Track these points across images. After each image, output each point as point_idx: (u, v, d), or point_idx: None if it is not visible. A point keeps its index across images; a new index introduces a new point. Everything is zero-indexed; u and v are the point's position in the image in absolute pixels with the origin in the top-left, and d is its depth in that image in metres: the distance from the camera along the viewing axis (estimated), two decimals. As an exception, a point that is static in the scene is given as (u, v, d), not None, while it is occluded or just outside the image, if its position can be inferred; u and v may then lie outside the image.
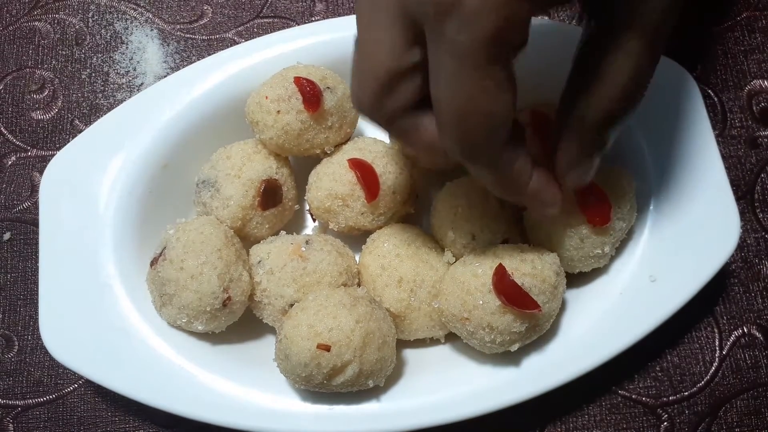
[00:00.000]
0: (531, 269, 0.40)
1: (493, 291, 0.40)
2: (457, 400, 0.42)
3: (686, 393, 0.47)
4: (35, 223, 0.52)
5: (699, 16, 0.55)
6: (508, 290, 0.39)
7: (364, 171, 0.46)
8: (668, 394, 0.47)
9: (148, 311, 0.45)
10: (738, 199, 0.51)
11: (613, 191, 0.42)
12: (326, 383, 0.40)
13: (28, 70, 0.56)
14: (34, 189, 0.53)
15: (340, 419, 0.42)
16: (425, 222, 0.48)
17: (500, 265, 0.40)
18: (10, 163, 0.54)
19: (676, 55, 0.54)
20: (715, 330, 0.48)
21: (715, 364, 0.48)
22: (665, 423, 0.47)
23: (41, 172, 0.48)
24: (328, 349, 0.39)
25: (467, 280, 0.41)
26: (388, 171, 0.46)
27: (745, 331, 0.48)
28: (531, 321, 0.40)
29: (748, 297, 0.49)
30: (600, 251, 0.43)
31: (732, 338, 0.48)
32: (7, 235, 0.52)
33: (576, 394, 0.47)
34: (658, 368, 0.48)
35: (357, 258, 0.47)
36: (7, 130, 0.55)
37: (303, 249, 0.44)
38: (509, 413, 0.43)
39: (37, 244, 0.50)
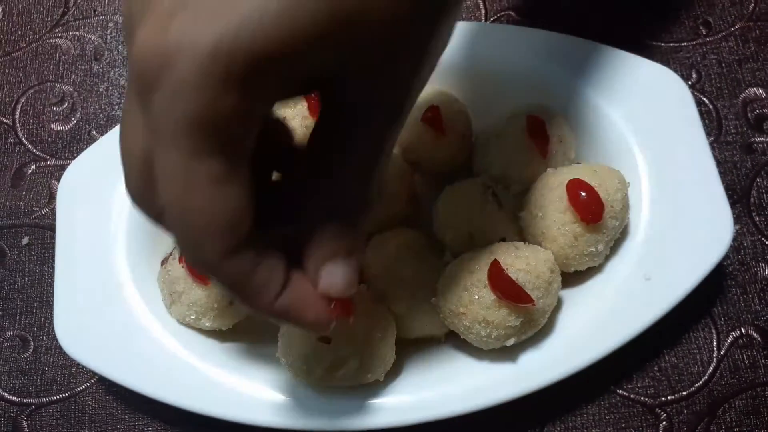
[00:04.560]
0: (525, 265, 0.41)
1: (489, 286, 0.41)
2: (456, 396, 0.43)
3: (684, 393, 0.48)
4: (52, 229, 0.54)
5: (695, 28, 0.57)
6: (503, 285, 0.40)
7: (366, 175, 0.47)
8: (666, 394, 0.48)
9: (159, 310, 0.47)
10: (734, 203, 0.52)
11: (605, 190, 0.44)
12: (326, 376, 0.41)
13: (49, 84, 0.59)
14: (52, 196, 0.55)
15: (341, 413, 0.43)
16: (426, 224, 0.50)
17: (495, 260, 0.41)
18: (30, 171, 0.56)
19: (672, 64, 0.56)
20: (713, 331, 0.49)
21: (713, 364, 0.48)
22: (664, 422, 0.47)
23: (59, 181, 0.51)
24: (328, 342, 0.40)
25: (463, 277, 0.42)
26: (388, 175, 0.48)
27: (743, 332, 0.49)
28: (526, 315, 0.41)
29: (746, 299, 0.50)
30: (594, 249, 0.44)
31: (730, 339, 0.49)
32: (25, 240, 0.54)
33: (575, 394, 0.47)
34: (656, 368, 0.48)
35: (359, 259, 0.48)
36: (28, 140, 0.57)
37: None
38: (508, 412, 0.44)
39: (53, 248, 0.52)
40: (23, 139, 0.57)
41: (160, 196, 0.26)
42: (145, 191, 0.27)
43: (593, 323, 0.44)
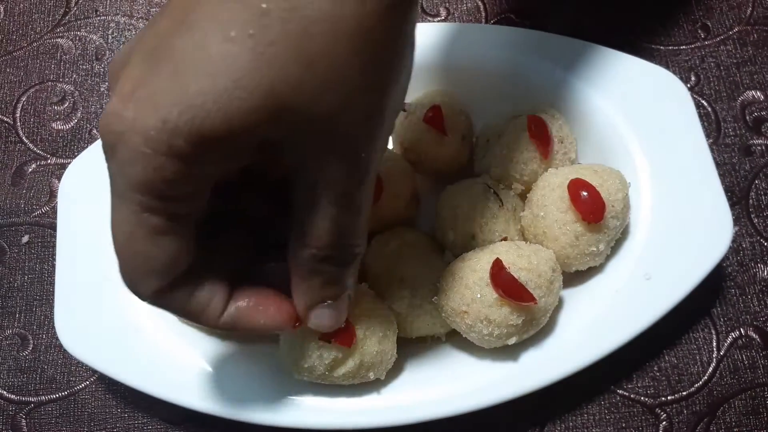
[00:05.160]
0: (527, 264, 0.42)
1: (491, 284, 0.41)
2: (458, 395, 0.43)
3: (684, 393, 0.48)
4: (53, 227, 0.54)
5: (693, 31, 0.58)
6: (505, 283, 0.41)
7: (367, 175, 0.47)
8: (666, 394, 0.48)
9: (159, 308, 0.47)
10: (733, 204, 0.52)
11: (606, 190, 0.44)
12: (328, 374, 0.41)
13: (50, 83, 0.59)
14: (52, 194, 0.55)
15: (342, 412, 0.43)
16: (427, 224, 0.50)
17: (497, 259, 0.41)
18: (30, 170, 0.56)
19: (671, 67, 0.56)
20: (713, 331, 0.49)
21: (713, 364, 0.48)
22: (664, 422, 0.47)
23: (60, 179, 0.51)
24: (329, 340, 0.41)
25: (466, 275, 0.42)
26: (390, 175, 0.48)
27: (742, 332, 0.49)
28: (527, 314, 0.41)
29: (745, 300, 0.50)
30: (595, 249, 0.44)
31: (729, 339, 0.49)
32: (25, 238, 0.54)
33: (575, 393, 0.48)
34: (656, 368, 0.48)
35: (360, 258, 0.48)
36: (29, 139, 0.57)
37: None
38: (509, 411, 0.44)
39: (54, 247, 0.52)
40: (24, 138, 0.57)
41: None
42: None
43: (594, 323, 0.44)
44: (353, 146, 0.30)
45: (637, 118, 0.49)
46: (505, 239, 0.45)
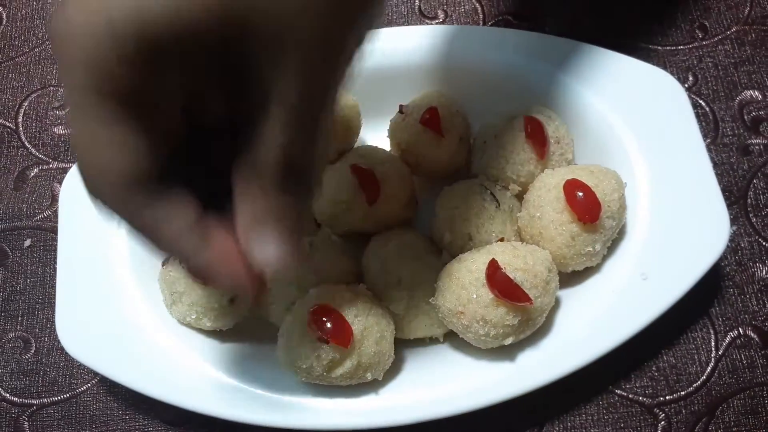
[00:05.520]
0: (523, 264, 0.42)
1: (487, 285, 0.41)
2: (455, 395, 0.43)
3: (683, 393, 0.48)
4: (54, 231, 0.54)
5: (691, 31, 0.58)
6: (500, 284, 0.41)
7: (364, 177, 0.48)
8: (665, 394, 0.48)
9: (160, 310, 0.47)
10: (731, 204, 0.52)
11: (601, 190, 0.44)
12: (326, 375, 0.42)
13: (51, 88, 0.60)
14: (54, 199, 0.56)
15: (340, 412, 0.44)
16: (424, 225, 0.50)
17: (493, 259, 0.41)
18: (32, 174, 0.57)
19: (669, 67, 0.57)
20: (711, 331, 0.49)
21: (711, 364, 0.48)
22: (662, 422, 0.47)
23: (61, 183, 0.51)
24: (327, 341, 0.41)
25: (462, 276, 0.42)
26: (388, 176, 0.48)
27: (741, 332, 0.49)
28: (523, 314, 0.42)
29: (743, 299, 0.50)
30: (591, 249, 0.44)
31: (728, 339, 0.49)
32: (27, 242, 0.55)
33: (574, 394, 0.48)
34: (654, 368, 0.48)
35: (359, 259, 0.49)
36: (31, 144, 0.58)
37: (307, 250, 0.46)
38: (507, 412, 0.44)
39: (55, 250, 0.52)
40: (26, 143, 0.58)
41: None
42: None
43: (591, 323, 0.45)
44: (307, 59, 0.28)
45: (634, 118, 0.49)
46: (501, 240, 0.45)
